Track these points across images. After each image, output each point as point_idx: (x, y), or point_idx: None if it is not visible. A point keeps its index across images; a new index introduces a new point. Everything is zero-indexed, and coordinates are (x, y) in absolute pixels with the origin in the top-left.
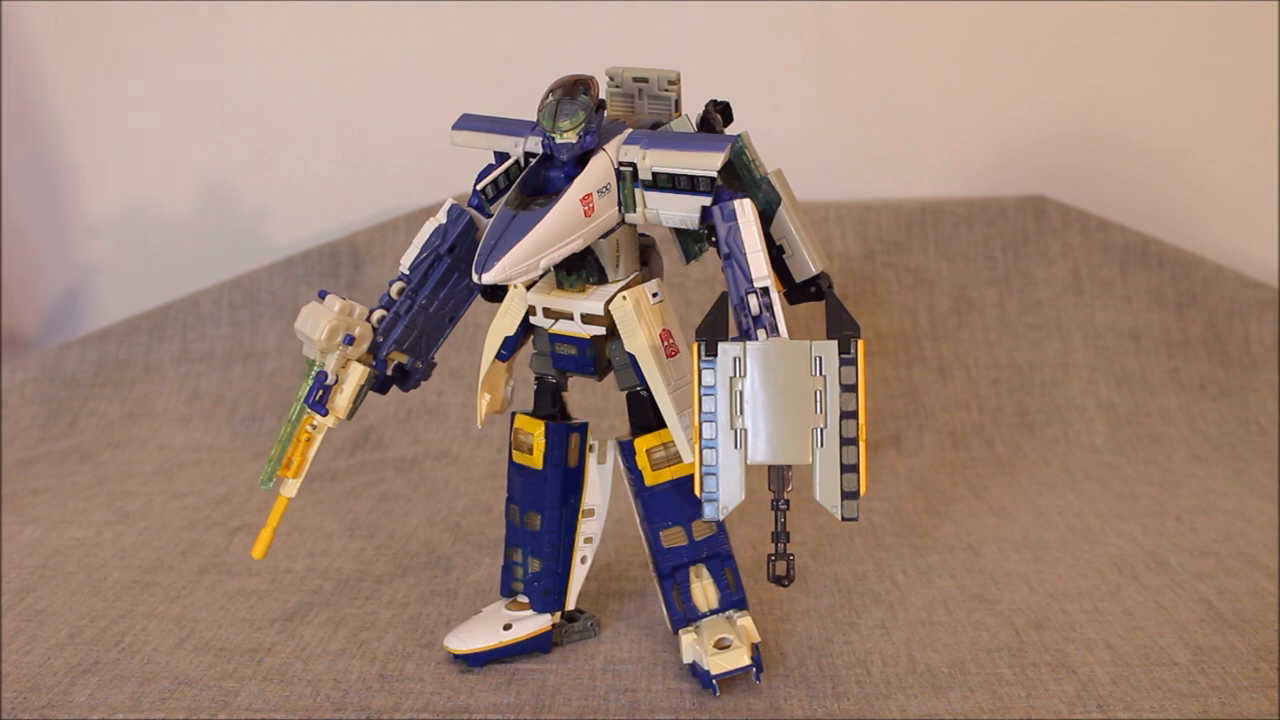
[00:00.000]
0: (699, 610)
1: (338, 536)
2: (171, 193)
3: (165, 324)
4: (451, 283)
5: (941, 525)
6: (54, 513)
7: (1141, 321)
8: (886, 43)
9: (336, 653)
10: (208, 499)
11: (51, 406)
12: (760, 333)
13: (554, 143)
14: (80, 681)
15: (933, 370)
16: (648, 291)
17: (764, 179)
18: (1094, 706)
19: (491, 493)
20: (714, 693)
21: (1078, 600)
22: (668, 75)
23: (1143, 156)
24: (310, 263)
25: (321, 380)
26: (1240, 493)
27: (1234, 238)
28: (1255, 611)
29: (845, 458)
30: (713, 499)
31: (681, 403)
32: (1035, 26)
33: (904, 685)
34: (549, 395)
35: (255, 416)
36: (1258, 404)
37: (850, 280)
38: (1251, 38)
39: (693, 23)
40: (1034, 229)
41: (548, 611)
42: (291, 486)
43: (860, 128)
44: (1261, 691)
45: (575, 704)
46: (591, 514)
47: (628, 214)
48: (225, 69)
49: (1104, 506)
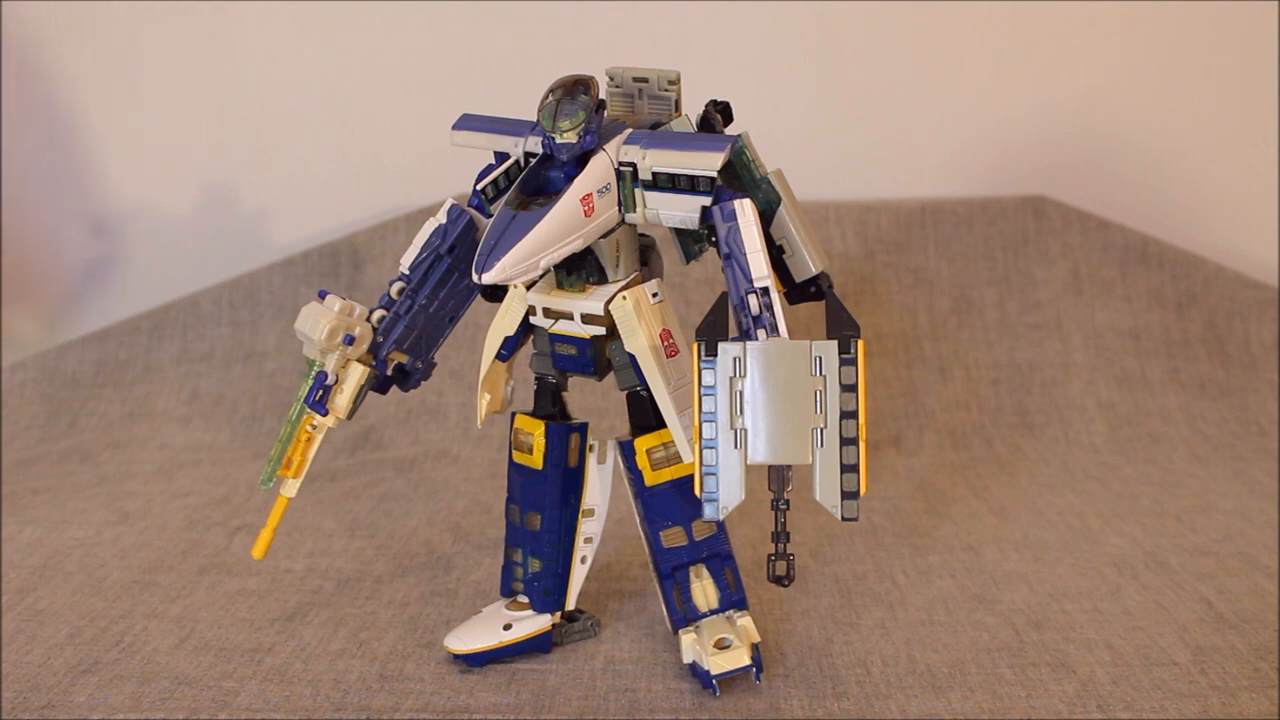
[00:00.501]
0: (699, 610)
1: (338, 536)
2: (171, 193)
3: (165, 324)
4: (451, 283)
5: (941, 525)
6: (54, 513)
7: (1141, 321)
8: (886, 43)
9: (336, 653)
10: (208, 499)
11: (51, 406)
12: (760, 333)
13: (554, 143)
14: (80, 681)
15: (933, 370)
16: (648, 291)
17: (764, 179)
18: (1094, 706)
19: (491, 493)
20: (714, 693)
21: (1078, 600)
22: (668, 75)
23: (1143, 156)
24: (310, 263)
25: (321, 380)
26: (1240, 493)
27: (1234, 238)
28: (1255, 611)
29: (845, 458)
30: (713, 499)
31: (681, 403)
32: (1035, 26)
33: (904, 685)
34: (549, 395)
35: (255, 416)
36: (1258, 404)
37: (850, 280)
38: (1251, 38)
39: (693, 23)
40: (1034, 229)
41: (548, 611)
42: (291, 486)
43: (860, 128)
44: (1261, 691)
45: (575, 704)
46: (591, 514)
47: (628, 214)
48: (225, 69)
49: (1104, 506)
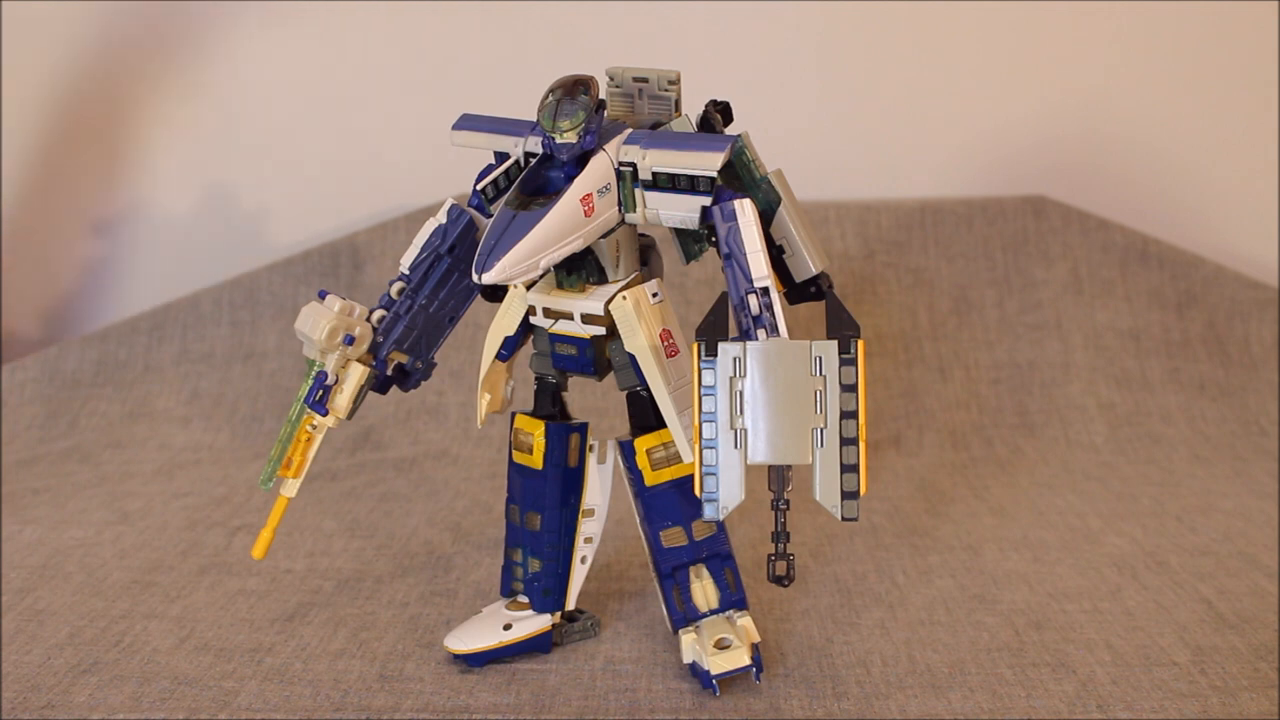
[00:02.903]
0: (699, 610)
1: (338, 536)
2: (171, 193)
3: (165, 324)
4: (451, 283)
5: (941, 525)
6: (54, 513)
7: (1141, 321)
8: (886, 43)
9: (336, 653)
10: (208, 499)
11: (51, 406)
12: (760, 333)
13: (554, 143)
14: (80, 681)
15: (933, 370)
16: (648, 291)
17: (764, 179)
18: (1094, 706)
19: (491, 493)
20: (714, 693)
21: (1078, 600)
22: (668, 75)
23: (1143, 156)
24: (310, 263)
25: (321, 380)
26: (1240, 493)
27: (1234, 238)
28: (1255, 611)
29: (845, 458)
30: (713, 499)
31: (681, 403)
32: (1035, 26)
33: (904, 685)
34: (549, 395)
35: (255, 416)
36: (1258, 404)
37: (850, 280)
38: (1251, 38)
39: (693, 23)
40: (1034, 229)
41: (548, 611)
42: (291, 486)
43: (860, 128)
44: (1261, 691)
45: (575, 704)
46: (591, 514)
47: (628, 214)
48: (225, 69)
49: (1104, 506)
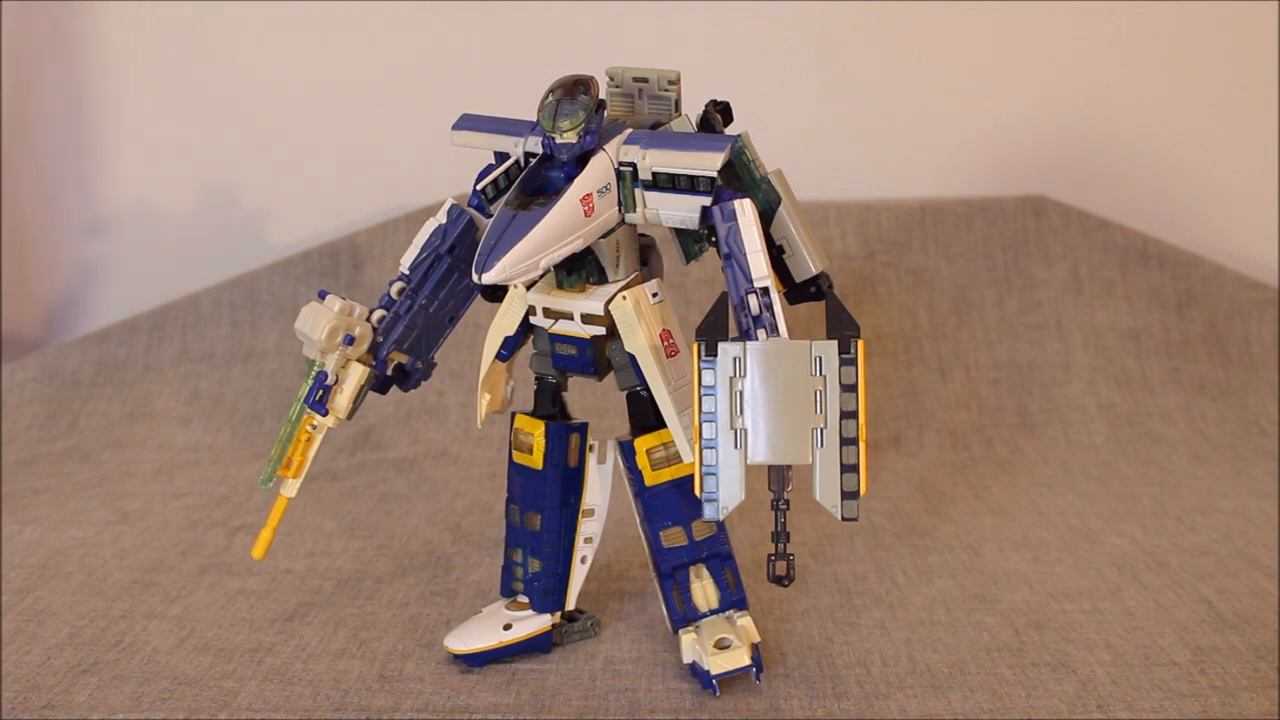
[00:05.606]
0: (699, 610)
1: (338, 536)
2: (171, 193)
3: (165, 324)
4: (451, 283)
5: (941, 525)
6: (54, 513)
7: (1141, 321)
8: (886, 43)
9: (336, 653)
10: (208, 499)
11: (51, 406)
12: (760, 333)
13: (554, 143)
14: (80, 681)
15: (933, 370)
16: (648, 291)
17: (764, 179)
18: (1094, 706)
19: (491, 493)
20: (714, 693)
21: (1078, 600)
22: (668, 75)
23: (1143, 156)
24: (310, 263)
25: (321, 380)
26: (1240, 493)
27: (1234, 238)
28: (1255, 611)
29: (845, 458)
30: (713, 499)
31: (681, 403)
32: (1035, 27)
33: (904, 685)
34: (549, 395)
35: (255, 416)
36: (1258, 404)
37: (850, 280)
38: (1251, 38)
39: (693, 23)
40: (1034, 229)
41: (548, 611)
42: (291, 486)
43: (860, 128)
44: (1261, 691)
45: (575, 704)
46: (591, 514)
47: (628, 214)
48: (226, 69)
49: (1104, 506)
